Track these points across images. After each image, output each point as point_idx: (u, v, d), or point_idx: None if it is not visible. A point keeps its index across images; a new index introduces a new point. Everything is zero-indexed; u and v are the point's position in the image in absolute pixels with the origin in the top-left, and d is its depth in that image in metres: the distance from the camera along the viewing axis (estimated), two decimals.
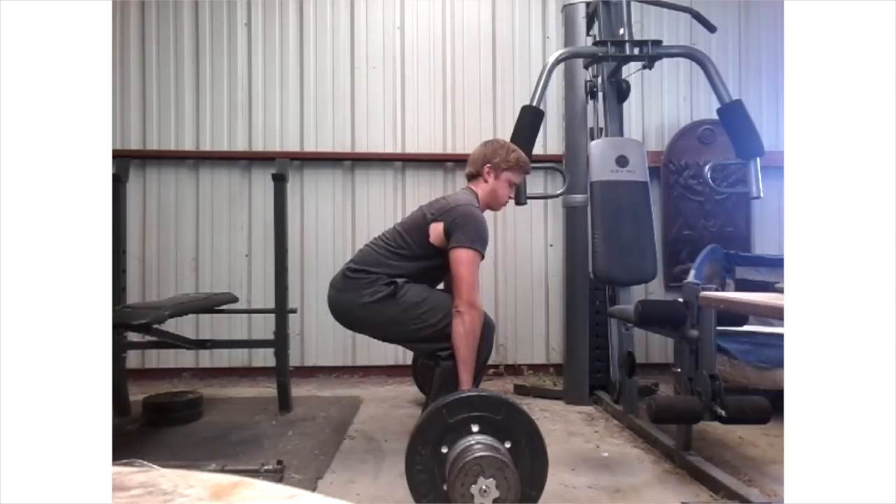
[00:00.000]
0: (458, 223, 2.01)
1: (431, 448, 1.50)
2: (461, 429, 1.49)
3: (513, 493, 1.39)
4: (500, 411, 1.50)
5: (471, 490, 1.38)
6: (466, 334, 1.95)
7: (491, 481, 1.38)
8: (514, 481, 1.40)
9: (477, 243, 2.00)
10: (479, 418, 1.50)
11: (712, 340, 1.89)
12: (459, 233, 2.00)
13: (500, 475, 1.39)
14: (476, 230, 2.01)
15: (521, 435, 1.50)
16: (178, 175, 3.42)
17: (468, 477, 1.38)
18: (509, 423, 1.50)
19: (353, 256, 2.18)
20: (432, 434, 1.50)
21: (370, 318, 2.04)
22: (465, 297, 1.96)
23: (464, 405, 1.51)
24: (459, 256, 1.98)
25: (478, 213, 2.07)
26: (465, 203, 2.08)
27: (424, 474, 1.51)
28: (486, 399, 1.53)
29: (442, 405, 1.51)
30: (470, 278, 1.97)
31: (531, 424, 1.52)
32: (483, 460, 1.39)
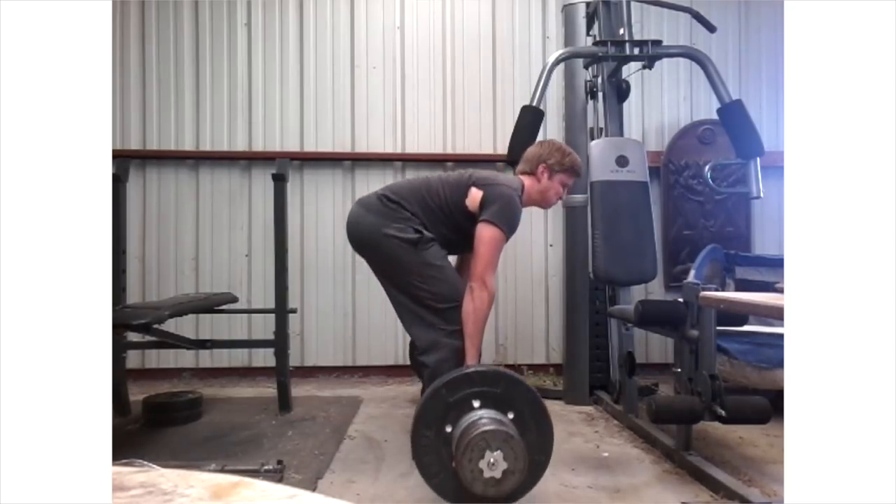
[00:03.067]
0: (496, 199, 2.01)
1: (435, 429, 1.50)
2: (463, 406, 1.50)
3: (521, 462, 1.40)
4: (499, 384, 1.51)
5: (479, 465, 1.39)
6: (475, 311, 1.95)
7: (498, 454, 1.39)
8: (520, 451, 1.40)
9: (506, 225, 2.00)
10: (479, 393, 1.50)
11: (712, 340, 1.89)
12: (494, 207, 2.00)
13: (507, 447, 1.39)
14: (510, 214, 2.02)
15: (523, 405, 1.50)
16: (178, 175, 3.42)
17: (475, 452, 1.39)
18: (509, 394, 1.50)
19: (392, 185, 2.17)
20: (435, 415, 1.50)
21: (384, 248, 2.03)
22: (478, 274, 1.96)
23: (462, 382, 1.51)
24: (484, 232, 1.98)
25: (517, 201, 2.07)
26: (510, 186, 2.08)
27: (432, 455, 1.50)
28: (483, 374, 1.53)
29: (441, 385, 1.52)
30: (488, 257, 1.97)
31: (531, 393, 1.52)
32: (488, 434, 1.40)
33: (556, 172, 2.17)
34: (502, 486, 1.40)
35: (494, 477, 1.39)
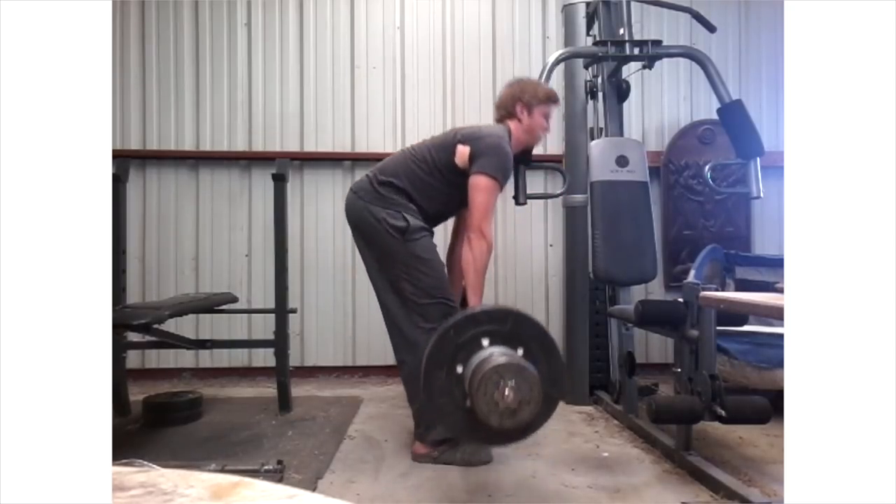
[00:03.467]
0: (484, 150, 2.00)
1: (446, 370, 1.48)
2: (472, 346, 1.48)
3: (536, 392, 1.40)
4: (507, 321, 1.50)
5: (494, 398, 1.38)
6: (475, 261, 1.95)
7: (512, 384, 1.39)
8: (534, 381, 1.40)
9: (499, 173, 1.99)
10: (487, 332, 1.49)
11: (712, 340, 1.89)
12: (484, 159, 1.99)
13: (521, 377, 1.39)
14: (500, 161, 2.01)
15: (532, 340, 1.49)
16: (178, 175, 3.42)
17: (489, 386, 1.38)
18: (518, 331, 1.49)
19: (381, 164, 2.17)
20: (445, 356, 1.49)
21: (373, 234, 2.04)
22: (476, 224, 1.96)
23: (469, 323, 1.50)
24: (478, 182, 1.98)
25: (506, 146, 2.05)
26: (496, 134, 2.07)
27: (445, 398, 1.49)
28: (490, 313, 1.53)
29: (449, 326, 1.51)
30: (484, 206, 1.97)
31: (539, 328, 1.52)
32: (501, 368, 1.39)
33: (535, 106, 2.14)
34: (519, 417, 1.40)
35: (510, 408, 1.39)
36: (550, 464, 2.03)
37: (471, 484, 1.86)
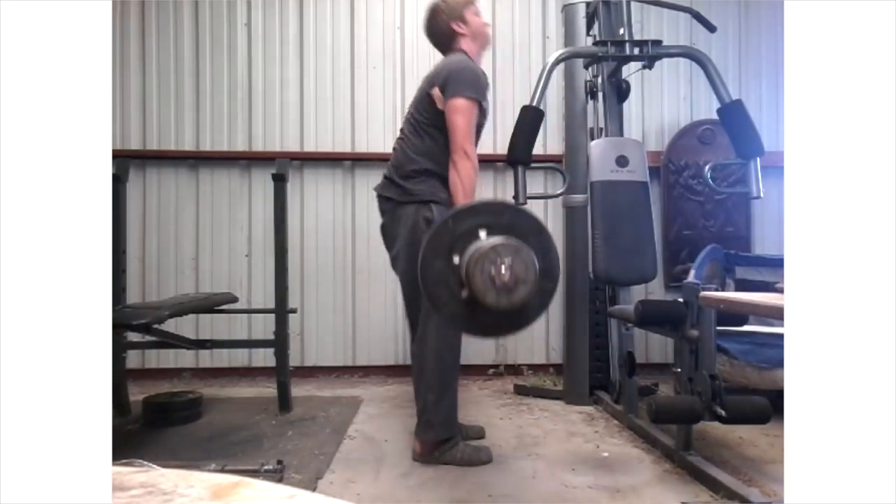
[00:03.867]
0: (450, 77, 2.01)
1: (443, 259, 1.49)
2: (469, 236, 1.49)
3: (531, 272, 1.41)
4: (505, 215, 1.51)
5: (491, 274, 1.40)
6: (462, 182, 1.95)
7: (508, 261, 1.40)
8: (530, 261, 1.42)
9: (470, 90, 1.99)
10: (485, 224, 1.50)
11: (712, 340, 1.89)
12: (452, 84, 2.00)
13: (517, 256, 1.41)
14: (468, 78, 2.01)
15: (529, 233, 1.50)
16: (178, 175, 3.42)
17: (486, 264, 1.40)
18: (515, 224, 1.51)
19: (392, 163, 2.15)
20: (442, 246, 1.49)
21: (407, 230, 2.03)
22: (458, 146, 1.96)
23: (468, 214, 1.51)
24: (453, 105, 1.98)
25: (469, 63, 2.06)
26: (456, 60, 2.08)
27: (441, 286, 1.50)
28: (489, 205, 1.55)
29: (447, 218, 1.51)
30: (463, 126, 1.97)
31: (536, 222, 1.53)
32: (499, 246, 1.41)
33: (464, 13, 2.15)
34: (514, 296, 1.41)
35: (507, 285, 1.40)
36: (550, 464, 2.03)
37: (471, 484, 1.86)
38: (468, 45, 2.17)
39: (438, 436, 2.01)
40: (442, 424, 2.02)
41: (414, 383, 2.11)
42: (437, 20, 2.19)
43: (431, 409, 2.02)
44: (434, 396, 2.02)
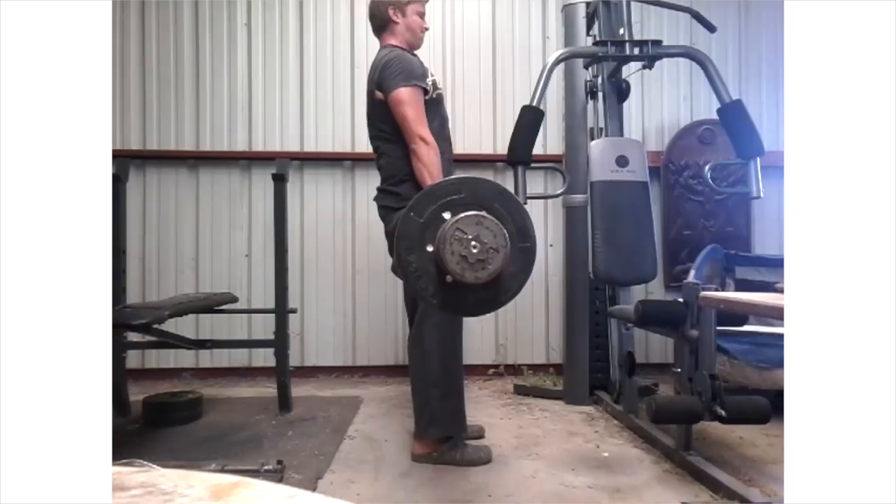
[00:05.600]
0: (382, 73, 1.99)
1: (418, 252, 1.47)
2: (436, 222, 1.47)
3: (500, 238, 1.40)
4: (463, 189, 1.48)
5: (462, 253, 1.38)
6: (427, 168, 1.94)
7: (474, 234, 1.38)
8: (496, 227, 1.40)
9: (406, 79, 1.96)
10: (446, 204, 1.47)
11: (712, 340, 1.89)
12: (386, 80, 1.98)
13: (482, 227, 1.39)
14: (400, 67, 1.98)
15: (493, 201, 1.48)
16: (178, 175, 3.42)
17: (454, 244, 1.38)
18: (476, 195, 1.48)
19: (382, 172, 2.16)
20: (412, 239, 1.47)
21: None
22: (413, 134, 1.94)
23: (427, 200, 1.48)
24: (396, 97, 1.95)
25: (398, 52, 2.03)
26: (382, 55, 2.06)
27: (423, 279, 1.48)
28: (444, 185, 1.51)
29: (408, 209, 1.49)
30: (411, 114, 1.94)
31: (497, 188, 1.50)
32: (459, 222, 1.39)
33: (406, 5, 2.12)
34: (491, 265, 1.39)
35: (480, 258, 1.38)
36: (550, 464, 2.03)
37: (471, 484, 1.86)
38: (400, 37, 2.13)
39: (442, 432, 2.01)
40: (450, 420, 2.02)
41: (411, 382, 2.11)
42: (378, 2, 2.16)
43: (437, 405, 2.02)
44: (438, 392, 2.02)
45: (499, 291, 1.49)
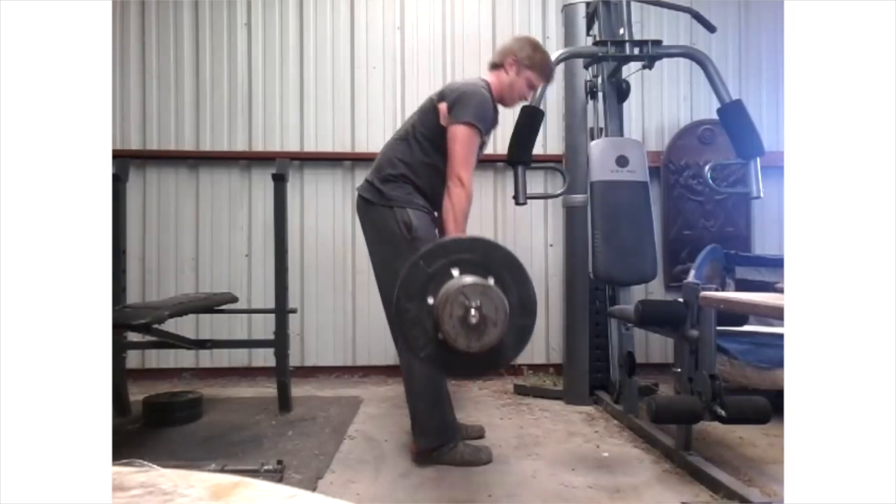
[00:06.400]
0: (459, 99, 1.96)
1: (417, 301, 1.46)
2: (442, 276, 1.46)
3: (501, 312, 1.39)
4: (477, 250, 1.48)
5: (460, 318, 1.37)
6: (454, 209, 1.92)
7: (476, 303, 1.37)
8: (500, 301, 1.39)
9: (476, 119, 1.94)
10: (457, 261, 1.46)
11: (712, 340, 1.89)
12: (460, 108, 1.95)
13: (485, 298, 1.38)
14: (477, 107, 1.96)
15: (502, 268, 1.47)
16: (178, 175, 3.42)
17: (454, 307, 1.37)
18: (488, 259, 1.47)
19: (375, 164, 2.14)
20: (415, 287, 1.46)
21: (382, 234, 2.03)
22: (454, 172, 1.92)
23: (439, 252, 1.48)
24: (455, 132, 1.93)
25: (484, 93, 2.01)
26: (472, 83, 2.03)
27: (416, 329, 1.47)
28: (460, 242, 1.50)
29: (418, 258, 1.48)
30: (461, 154, 1.92)
31: (509, 256, 1.50)
32: (466, 288, 1.38)
33: (525, 68, 2.10)
34: (485, 338, 1.38)
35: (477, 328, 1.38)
36: (550, 464, 2.03)
37: (471, 484, 1.86)
38: (497, 82, 2.12)
39: (431, 443, 2.00)
40: (436, 430, 2.01)
41: (404, 384, 2.10)
42: (511, 43, 2.16)
43: (424, 416, 2.02)
44: (424, 404, 2.02)
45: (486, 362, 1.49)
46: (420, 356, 1.50)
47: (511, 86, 2.12)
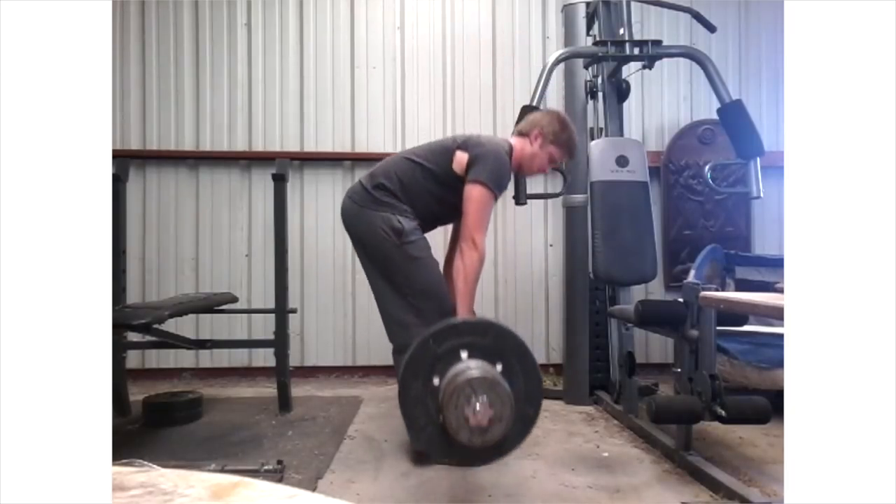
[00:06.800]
0: (482, 158, 1.97)
1: (423, 380, 1.45)
2: (450, 357, 1.45)
3: (507, 409, 1.37)
4: (488, 335, 1.47)
5: (465, 412, 1.36)
6: (465, 270, 1.93)
7: (483, 399, 1.36)
8: (507, 398, 1.37)
9: (494, 183, 1.96)
10: (467, 344, 1.46)
11: (712, 340, 1.89)
12: (480, 167, 1.96)
13: (493, 393, 1.36)
14: (497, 171, 1.98)
15: (511, 356, 1.47)
16: (178, 175, 3.42)
17: (460, 399, 1.36)
18: (498, 345, 1.47)
19: (375, 168, 2.14)
20: (423, 366, 1.46)
21: (369, 237, 2.02)
22: (468, 234, 1.93)
23: (450, 333, 1.47)
24: (472, 192, 1.95)
25: (504, 158, 2.02)
26: (496, 144, 2.04)
27: (420, 408, 1.46)
28: (472, 325, 1.50)
29: (429, 336, 1.47)
30: (477, 216, 1.94)
31: (520, 345, 1.49)
32: (474, 381, 1.36)
33: (549, 143, 2.11)
34: (488, 435, 1.37)
35: (481, 424, 1.36)
36: (550, 464, 2.03)
37: (471, 484, 1.86)
38: (520, 149, 2.13)
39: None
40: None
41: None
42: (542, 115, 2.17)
43: None
44: None
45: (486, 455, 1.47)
46: (419, 437, 1.49)
47: (532, 157, 2.14)
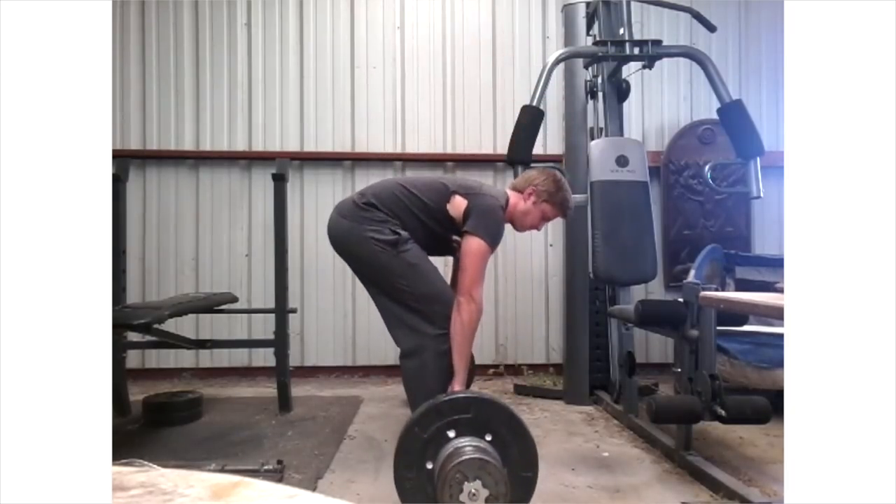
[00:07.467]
0: (482, 210, 1.97)
1: (416, 468, 1.47)
2: (439, 439, 1.47)
3: (501, 486, 1.37)
4: (470, 409, 1.48)
5: (461, 498, 1.37)
6: (463, 325, 1.92)
7: (477, 483, 1.36)
8: (499, 475, 1.38)
9: (491, 238, 1.97)
10: (452, 423, 1.47)
11: (712, 340, 1.89)
12: (481, 220, 1.96)
13: (484, 473, 1.37)
14: (494, 227, 1.99)
15: (499, 424, 1.48)
16: (178, 175, 3.42)
17: (453, 486, 1.37)
18: (483, 417, 1.48)
19: (366, 188, 2.12)
20: (412, 454, 1.48)
21: (364, 252, 2.01)
22: (466, 288, 1.93)
23: (433, 416, 1.49)
24: (471, 245, 1.95)
25: (500, 213, 2.04)
26: (495, 197, 2.05)
27: (419, 495, 1.47)
28: (453, 402, 1.51)
29: (412, 423, 1.49)
30: (474, 271, 1.94)
31: (505, 411, 1.50)
32: (462, 465, 1.37)
33: (543, 201, 2.12)
34: None
35: None
36: (550, 464, 2.02)
37: None
38: (514, 205, 2.12)
39: None
40: None
41: (408, 395, 2.08)
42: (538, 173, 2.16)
43: None
44: None
45: None
46: None
47: (525, 214, 2.14)
